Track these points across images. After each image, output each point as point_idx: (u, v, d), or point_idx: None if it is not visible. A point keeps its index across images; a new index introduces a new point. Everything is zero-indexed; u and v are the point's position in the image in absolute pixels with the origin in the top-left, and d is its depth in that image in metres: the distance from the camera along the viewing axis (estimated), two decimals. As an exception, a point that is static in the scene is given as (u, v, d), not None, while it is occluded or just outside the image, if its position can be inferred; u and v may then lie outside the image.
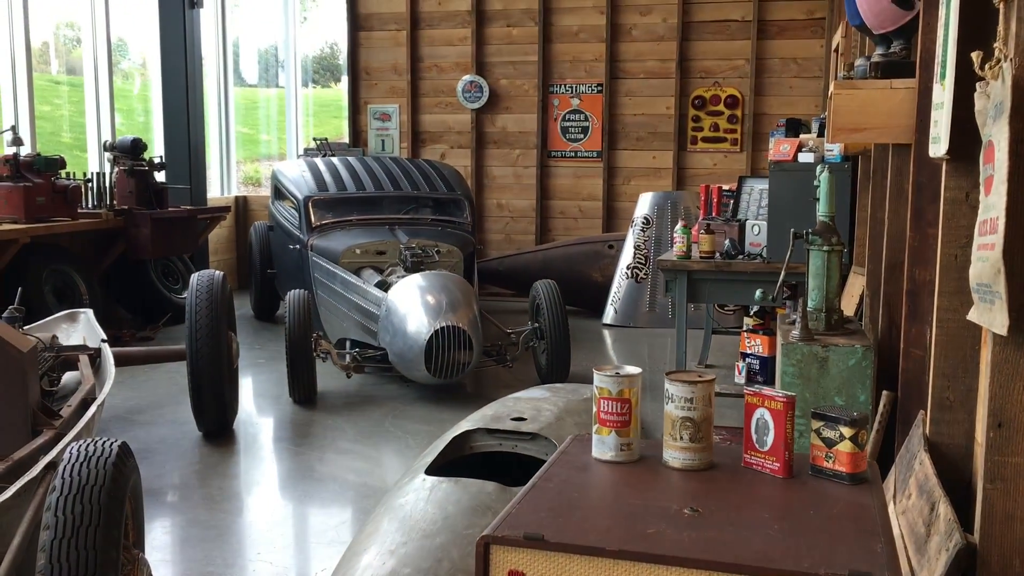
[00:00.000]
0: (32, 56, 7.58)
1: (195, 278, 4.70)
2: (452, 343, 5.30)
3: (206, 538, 3.56)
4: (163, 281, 7.97)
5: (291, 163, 7.73)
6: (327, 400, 5.57)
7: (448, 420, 5.14)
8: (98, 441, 2.26)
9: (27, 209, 6.53)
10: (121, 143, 7.42)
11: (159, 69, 8.93)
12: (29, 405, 3.32)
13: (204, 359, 4.51)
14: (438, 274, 5.76)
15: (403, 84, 9.48)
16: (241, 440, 4.83)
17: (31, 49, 7.55)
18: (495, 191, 9.41)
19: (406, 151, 9.48)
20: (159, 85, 9.01)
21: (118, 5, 8.46)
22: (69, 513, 2.05)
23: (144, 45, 9.70)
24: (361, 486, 4.18)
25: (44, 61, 10.20)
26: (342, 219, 6.77)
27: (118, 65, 9.89)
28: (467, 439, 3.44)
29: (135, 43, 10.23)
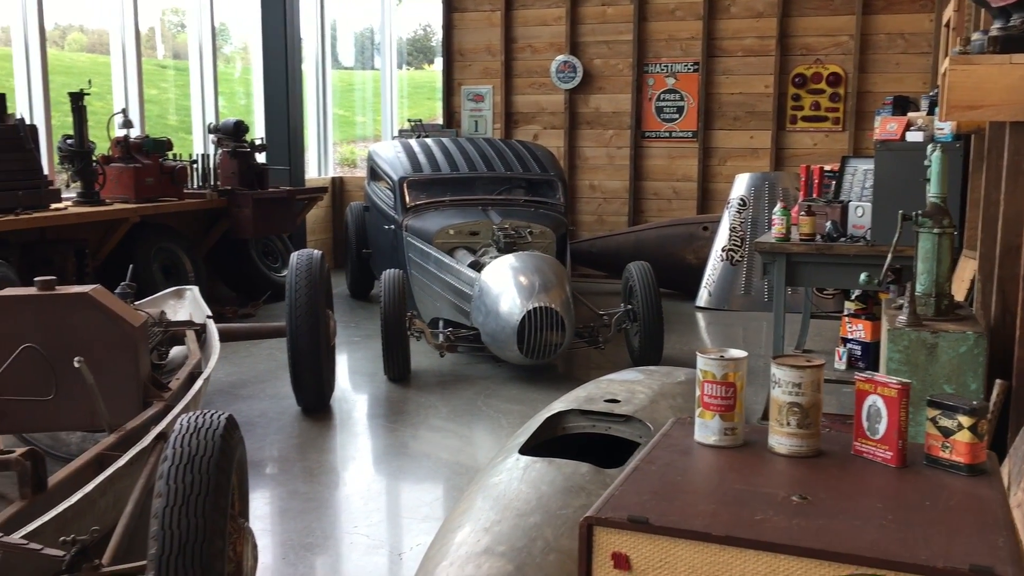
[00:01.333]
0: (140, 41, 7.85)
1: (295, 257, 4.81)
2: (544, 324, 5.30)
3: (305, 510, 3.66)
4: (263, 260, 8.18)
5: (386, 144, 7.83)
6: (420, 378, 5.65)
7: (540, 400, 5.15)
8: (207, 414, 2.33)
9: (137, 189, 6.78)
10: (224, 125, 7.63)
11: (260, 53, 9.14)
12: (140, 378, 3.46)
13: (303, 336, 4.62)
14: (531, 255, 5.76)
15: (497, 65, 9.49)
16: (338, 415, 4.93)
17: (140, 35, 7.81)
18: (588, 172, 9.35)
19: (499, 132, 9.49)
20: (259, 69, 9.23)
21: (221, -10, 8.68)
22: (180, 482, 2.12)
23: (245, 30, 9.93)
24: (454, 464, 4.23)
25: (151, 46, 10.55)
26: (436, 200, 6.83)
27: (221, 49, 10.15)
28: (560, 420, 3.43)
29: (236, 28, 10.49)
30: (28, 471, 2.55)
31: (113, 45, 7.76)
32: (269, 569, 3.13)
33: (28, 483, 2.55)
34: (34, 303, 3.34)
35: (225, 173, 7.64)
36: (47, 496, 2.62)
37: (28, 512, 2.53)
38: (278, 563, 3.19)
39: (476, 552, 2.51)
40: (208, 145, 8.48)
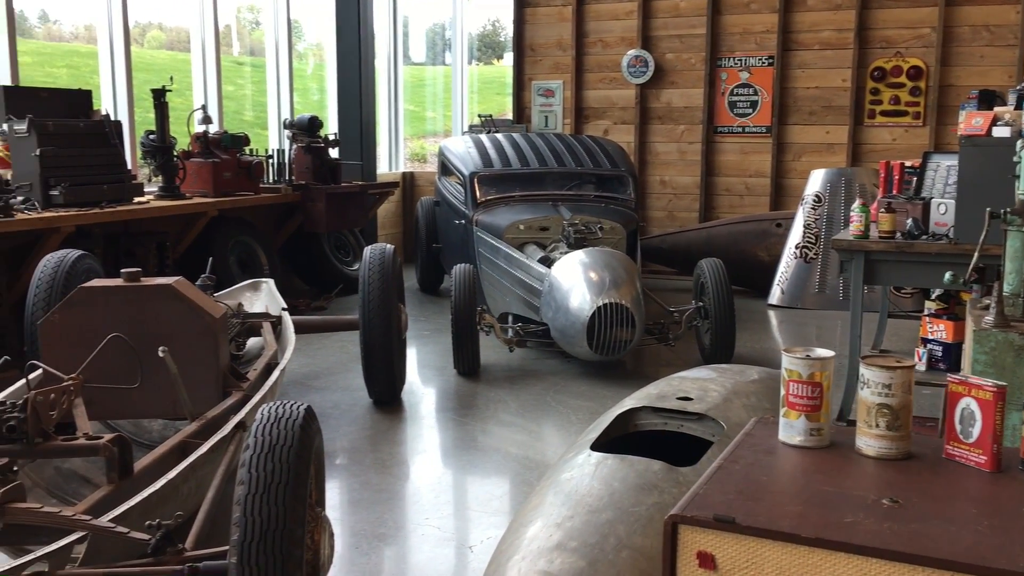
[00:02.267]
0: (219, 39, 8.02)
1: (368, 251, 4.87)
2: (614, 320, 5.27)
3: (377, 500, 3.70)
4: (336, 253, 8.31)
5: (457, 140, 7.86)
6: (490, 373, 5.67)
7: (609, 397, 5.13)
8: (287, 404, 2.37)
9: (215, 184, 6.94)
10: (299, 121, 7.75)
11: (334, 49, 9.27)
12: (220, 368, 3.53)
13: (375, 329, 4.67)
14: (601, 251, 5.73)
15: (567, 60, 9.46)
16: (408, 408, 4.98)
17: (219, 33, 7.99)
18: (658, 167, 9.26)
19: (569, 127, 9.46)
20: (333, 65, 9.36)
21: (297, -12, 8.82)
22: (261, 470, 2.16)
23: (318, 27, 10.08)
24: (523, 459, 4.23)
25: (227, 43, 10.79)
26: (506, 195, 6.84)
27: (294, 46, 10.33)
28: (632, 416, 3.41)
29: (309, 25, 10.66)
30: (115, 457, 2.63)
31: (193, 42, 7.95)
32: (342, 558, 3.18)
33: (115, 468, 2.63)
34: (120, 294, 3.44)
35: (299, 168, 7.77)
36: (132, 481, 2.69)
37: (114, 496, 2.61)
38: (351, 552, 3.24)
39: (548, 547, 2.50)
40: (283, 140, 8.64)
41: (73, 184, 5.73)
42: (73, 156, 5.83)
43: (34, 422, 2.58)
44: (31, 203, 5.55)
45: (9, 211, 5.27)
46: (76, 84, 6.34)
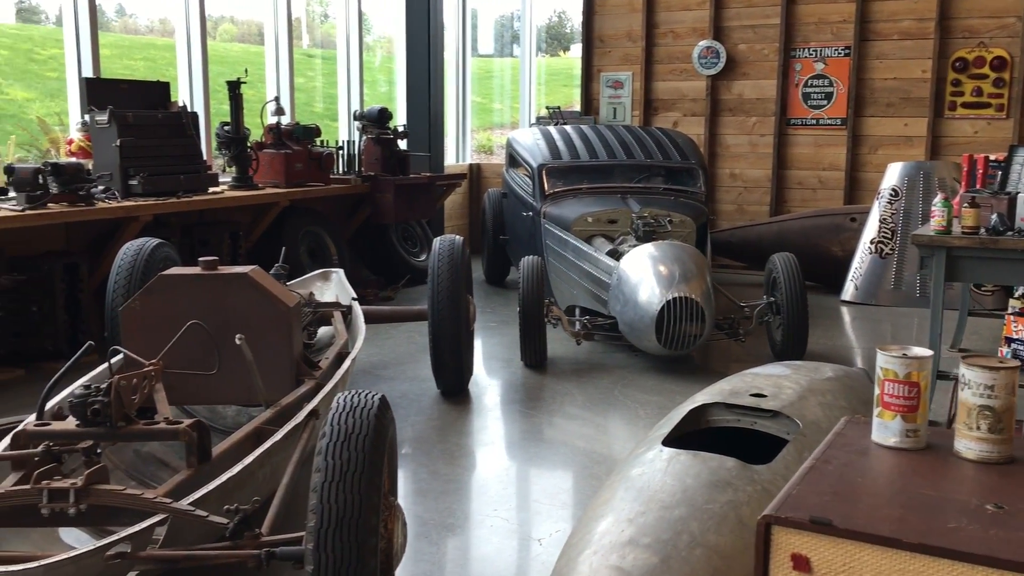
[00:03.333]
0: (292, 32, 8.12)
1: (437, 243, 4.88)
2: (684, 314, 5.20)
3: (446, 491, 3.71)
4: (403, 244, 8.36)
5: (525, 131, 7.84)
6: (556, 365, 5.64)
7: (678, 392, 5.07)
8: (361, 393, 2.38)
9: (287, 174, 7.04)
10: (369, 112, 7.81)
11: (403, 42, 9.32)
12: (293, 356, 3.57)
13: (445, 320, 4.68)
14: (671, 244, 5.66)
15: (637, 51, 9.36)
16: (475, 399, 4.99)
17: (292, 25, 8.09)
18: (728, 160, 9.12)
19: (638, 119, 9.37)
20: (401, 57, 9.41)
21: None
22: (338, 458, 2.18)
23: (385, 20, 10.15)
24: (591, 452, 4.20)
25: (297, 36, 10.95)
26: (574, 187, 6.80)
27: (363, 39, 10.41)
28: (704, 412, 3.36)
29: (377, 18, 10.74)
30: (195, 441, 2.67)
31: (267, 35, 8.06)
32: (410, 547, 3.18)
33: (194, 453, 2.68)
34: (198, 282, 3.50)
35: (369, 159, 7.84)
36: (211, 466, 2.74)
37: (193, 480, 2.65)
38: (419, 541, 3.25)
39: (620, 542, 2.47)
40: (352, 132, 8.73)
41: (151, 174, 5.87)
42: (151, 146, 5.96)
43: (117, 406, 2.64)
44: (111, 192, 5.69)
45: (91, 200, 5.42)
46: (153, 76, 6.49)
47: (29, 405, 4.75)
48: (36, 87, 11.19)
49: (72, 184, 5.34)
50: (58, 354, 5.49)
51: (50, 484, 2.37)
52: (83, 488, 2.37)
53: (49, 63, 12.51)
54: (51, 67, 12.41)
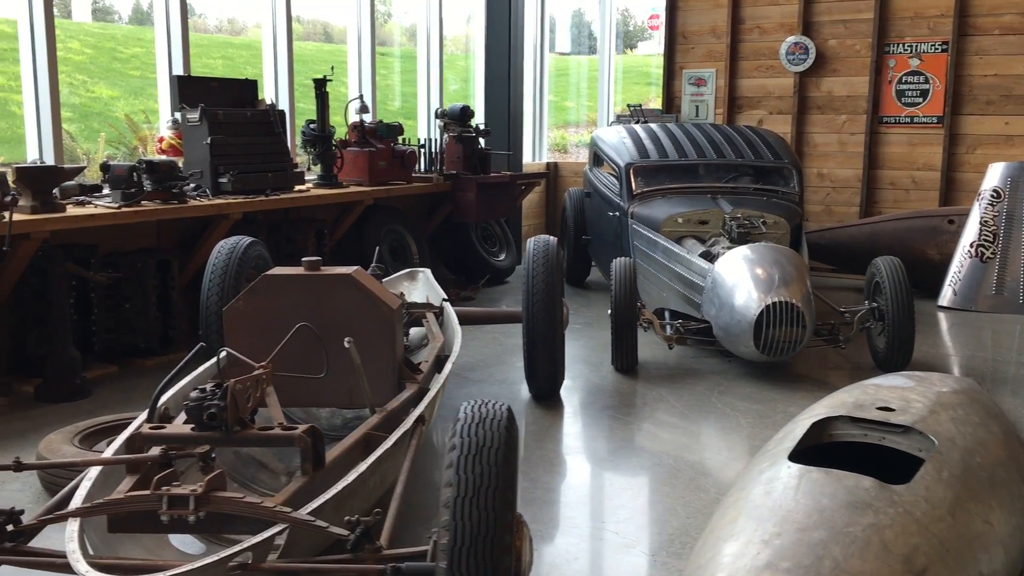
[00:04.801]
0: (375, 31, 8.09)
1: (531, 243, 4.77)
2: (783, 319, 5.01)
3: (548, 500, 3.60)
4: (482, 244, 8.28)
5: (610, 130, 7.69)
6: (647, 370, 5.50)
7: (778, 400, 4.89)
8: (488, 404, 2.28)
9: (371, 172, 7.01)
10: (451, 110, 7.75)
11: (480, 40, 9.25)
12: (397, 359, 3.50)
13: (540, 323, 4.57)
14: (768, 246, 5.47)
15: (722, 47, 9.13)
16: (568, 405, 4.87)
17: (375, 25, 8.06)
18: (816, 159, 8.84)
19: (721, 117, 9.15)
20: (480, 55, 9.34)
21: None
22: (470, 473, 2.08)
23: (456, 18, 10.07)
24: (695, 464, 4.05)
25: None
26: (664, 187, 6.63)
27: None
28: (826, 426, 3.19)
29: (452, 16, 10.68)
30: (310, 448, 2.60)
31: (349, 35, 8.06)
32: (520, 559, 3.08)
33: (309, 460, 2.61)
34: (302, 282, 3.45)
35: (450, 158, 7.77)
36: (324, 473, 2.67)
37: (308, 488, 2.58)
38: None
39: (757, 566, 2.33)
40: (430, 130, 8.68)
41: (241, 172, 5.87)
42: (240, 144, 5.97)
43: (233, 410, 2.58)
44: (202, 190, 5.71)
45: (183, 198, 5.43)
46: (231, 75, 6.49)
47: (122, 402, 4.78)
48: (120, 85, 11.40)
49: (165, 182, 5.36)
50: (149, 351, 5.52)
51: (170, 490, 2.32)
52: (203, 495, 2.31)
53: (132, 61, 12.74)
54: (133, 65, 12.64)
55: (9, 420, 4.46)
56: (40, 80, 5.58)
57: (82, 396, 4.81)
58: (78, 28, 12.45)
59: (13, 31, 10.32)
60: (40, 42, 5.54)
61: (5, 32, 11.65)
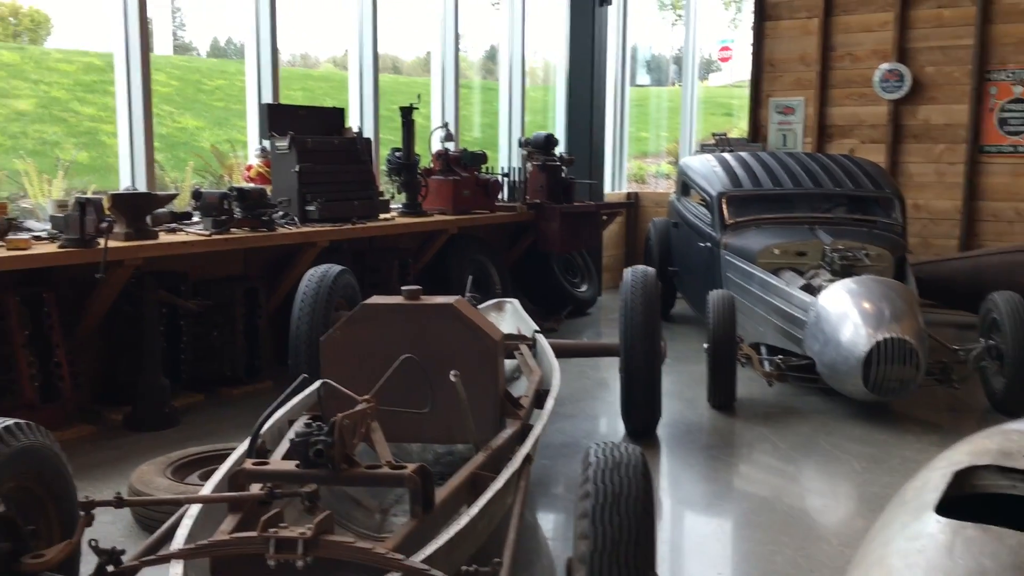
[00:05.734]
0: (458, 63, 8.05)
1: (629, 274, 4.60)
2: (895, 357, 4.73)
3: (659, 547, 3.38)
4: (564, 274, 8.12)
5: (700, 157, 7.49)
6: (745, 408, 5.24)
7: (891, 443, 4.60)
8: (620, 447, 2.11)
9: (455, 201, 6.91)
10: (535, 139, 7.63)
11: (562, 70, 9.17)
12: (499, 394, 3.34)
13: (639, 357, 4.38)
14: (875, 279, 5.20)
15: (811, 75, 8.87)
16: (665, 443, 4.65)
17: (459, 58, 8.02)
18: (912, 190, 8.48)
19: (810, 146, 8.87)
20: (560, 83, 9.26)
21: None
22: (607, 524, 1.90)
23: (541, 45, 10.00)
24: (812, 511, 3.79)
25: (426, 67, 11.02)
26: (758, 217, 6.40)
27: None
28: (968, 475, 2.92)
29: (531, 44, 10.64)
30: (420, 489, 2.45)
31: (433, 64, 8.04)
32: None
33: (419, 501, 2.45)
34: (402, 312, 3.32)
35: (533, 187, 7.65)
36: (433, 516, 2.51)
37: (419, 532, 2.43)
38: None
39: (917, 634, 2.09)
40: (511, 159, 8.59)
41: (328, 200, 5.82)
42: (328, 172, 5.93)
43: (340, 447, 2.44)
44: (290, 218, 5.67)
45: (271, 225, 5.39)
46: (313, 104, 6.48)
47: (210, 432, 4.71)
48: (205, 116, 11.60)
49: (255, 209, 5.32)
50: (236, 380, 5.47)
51: (277, 533, 2.18)
52: (312, 539, 2.16)
53: (215, 93, 12.98)
54: (217, 97, 12.88)
55: (99, 448, 4.42)
56: (134, 110, 5.63)
57: (170, 425, 4.76)
58: (164, 61, 12.75)
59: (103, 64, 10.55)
60: (135, 74, 5.60)
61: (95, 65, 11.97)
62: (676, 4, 17.81)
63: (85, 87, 11.10)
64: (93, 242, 4.39)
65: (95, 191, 7.01)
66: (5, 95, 9.62)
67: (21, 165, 6.81)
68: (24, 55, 10.96)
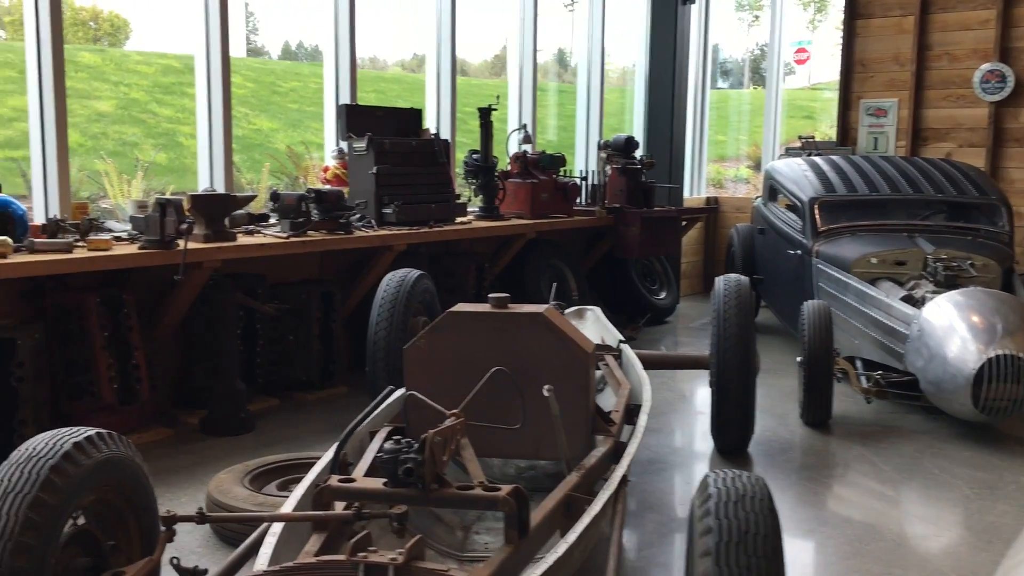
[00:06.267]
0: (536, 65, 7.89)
1: (721, 283, 4.36)
2: (1008, 375, 4.40)
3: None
4: (642, 281, 7.88)
5: (789, 161, 7.18)
6: (841, 425, 4.95)
7: (1004, 468, 4.27)
8: (742, 477, 1.89)
9: (533, 205, 6.74)
10: (615, 142, 7.42)
11: (641, 68, 8.94)
12: (591, 408, 3.16)
13: (732, 371, 4.14)
14: (984, 291, 4.86)
15: (905, 76, 8.48)
16: (759, 462, 4.39)
17: (536, 59, 7.85)
18: (1014, 196, 7.96)
19: (903, 150, 8.47)
20: (638, 84, 9.03)
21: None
22: (735, 565, 1.69)
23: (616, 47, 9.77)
24: (929, 542, 3.51)
25: (498, 69, 10.86)
26: (853, 224, 6.08)
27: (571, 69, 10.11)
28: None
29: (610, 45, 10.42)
30: (515, 512, 2.27)
31: (509, 66, 7.89)
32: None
33: (514, 526, 2.28)
34: (489, 321, 3.16)
35: (612, 191, 7.43)
36: (528, 541, 2.33)
37: (513, 560, 2.25)
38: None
39: None
40: (587, 162, 8.40)
41: (405, 202, 5.70)
42: (405, 175, 5.82)
43: (431, 466, 2.28)
44: (367, 220, 5.56)
45: (349, 228, 5.29)
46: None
47: (287, 438, 4.61)
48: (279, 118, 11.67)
49: (332, 212, 5.23)
50: (310, 384, 5.38)
51: (367, 558, 2.02)
52: (404, 565, 2.00)
53: (290, 95, 13.06)
54: (292, 99, 12.96)
55: (175, 453, 4.35)
56: (214, 112, 5.59)
57: (246, 430, 4.67)
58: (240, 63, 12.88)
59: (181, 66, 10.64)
60: (216, 76, 5.57)
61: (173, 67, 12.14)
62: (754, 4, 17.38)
63: (163, 88, 11.26)
64: (173, 243, 4.33)
65: (173, 192, 7.02)
66: (87, 96, 9.77)
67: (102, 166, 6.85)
68: (104, 57, 11.14)
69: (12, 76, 9.56)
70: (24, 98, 5.39)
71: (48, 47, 4.79)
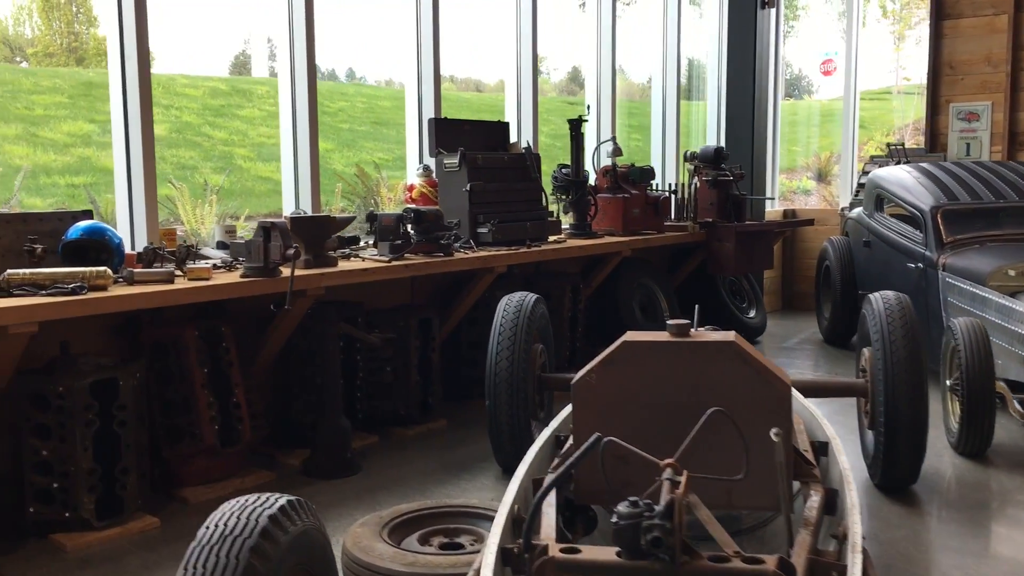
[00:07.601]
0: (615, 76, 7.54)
1: (879, 300, 3.95)
2: None
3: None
4: (731, 299, 7.47)
5: (892, 170, 6.76)
6: (1000, 455, 4.51)
7: None
8: None
9: (625, 221, 6.37)
10: (704, 152, 7.03)
11: (713, 75, 8.57)
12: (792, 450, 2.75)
13: (901, 399, 3.71)
14: None
15: (999, 77, 8.05)
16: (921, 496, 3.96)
17: (616, 72, 7.51)
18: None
19: (998, 155, 8.04)
20: (711, 93, 8.66)
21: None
22: None
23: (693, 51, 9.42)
24: None
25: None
26: (984, 234, 5.65)
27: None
28: None
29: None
30: (785, 587, 1.87)
31: (587, 80, 7.54)
32: None
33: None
34: (670, 351, 2.76)
35: (702, 204, 7.04)
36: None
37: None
38: None
39: None
40: (666, 175, 8.03)
41: (500, 221, 5.34)
42: (498, 191, 5.46)
43: (679, 534, 1.89)
44: (465, 241, 5.20)
45: (448, 250, 4.92)
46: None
47: (395, 480, 4.21)
48: (332, 138, 11.34)
49: (431, 232, 4.87)
50: (409, 419, 4.99)
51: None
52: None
53: (339, 115, 12.75)
54: (341, 119, 12.64)
55: (284, 499, 3.96)
56: (299, 132, 5.30)
57: (351, 472, 4.29)
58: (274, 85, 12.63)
59: (228, 88, 10.38)
60: (301, 97, 5.29)
61: (220, 89, 11.88)
62: (790, 15, 16.96)
63: (213, 111, 10.97)
64: (277, 270, 3.98)
65: (247, 216, 6.70)
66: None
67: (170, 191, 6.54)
68: (152, 80, 10.90)
69: (62, 102, 9.32)
70: (78, 123, 5.16)
71: (134, 71, 4.55)
